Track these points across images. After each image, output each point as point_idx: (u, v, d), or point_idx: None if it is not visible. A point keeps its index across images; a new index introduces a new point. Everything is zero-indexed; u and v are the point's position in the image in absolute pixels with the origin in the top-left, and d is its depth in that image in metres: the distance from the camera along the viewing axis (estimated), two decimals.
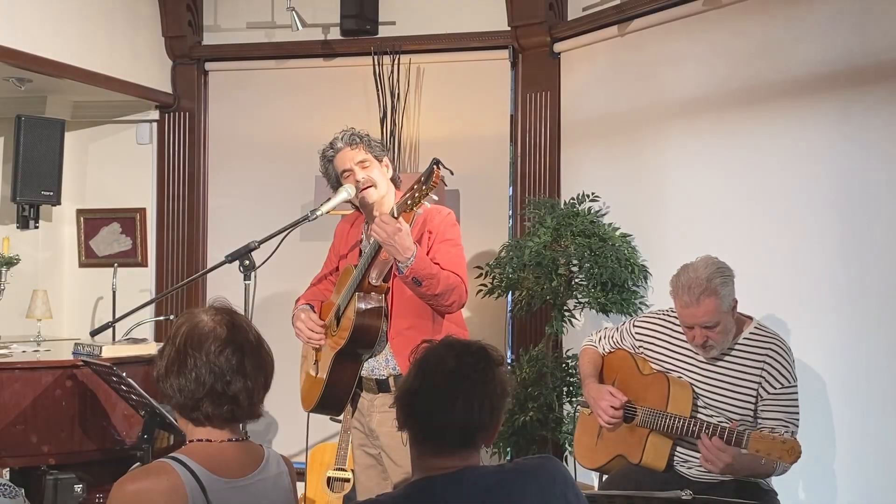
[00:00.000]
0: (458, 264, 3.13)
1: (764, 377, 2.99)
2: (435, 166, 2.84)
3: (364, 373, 3.18)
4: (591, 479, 4.13)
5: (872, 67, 3.45)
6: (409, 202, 2.89)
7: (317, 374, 3.25)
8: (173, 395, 1.95)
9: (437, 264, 3.06)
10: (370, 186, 3.16)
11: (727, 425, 2.88)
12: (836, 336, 3.54)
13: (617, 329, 3.39)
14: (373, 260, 3.10)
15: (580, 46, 4.89)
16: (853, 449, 3.48)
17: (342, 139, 3.22)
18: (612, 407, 3.15)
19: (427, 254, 3.09)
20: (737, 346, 3.06)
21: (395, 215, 2.93)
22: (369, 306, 3.09)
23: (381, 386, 3.15)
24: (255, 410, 2.00)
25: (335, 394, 3.20)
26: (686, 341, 3.13)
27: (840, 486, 3.51)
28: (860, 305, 3.47)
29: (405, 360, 3.03)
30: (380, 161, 3.23)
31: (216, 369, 1.92)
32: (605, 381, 3.34)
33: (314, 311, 3.32)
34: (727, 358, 3.07)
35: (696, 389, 3.09)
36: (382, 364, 3.15)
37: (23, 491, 3.48)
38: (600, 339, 3.43)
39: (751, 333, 3.07)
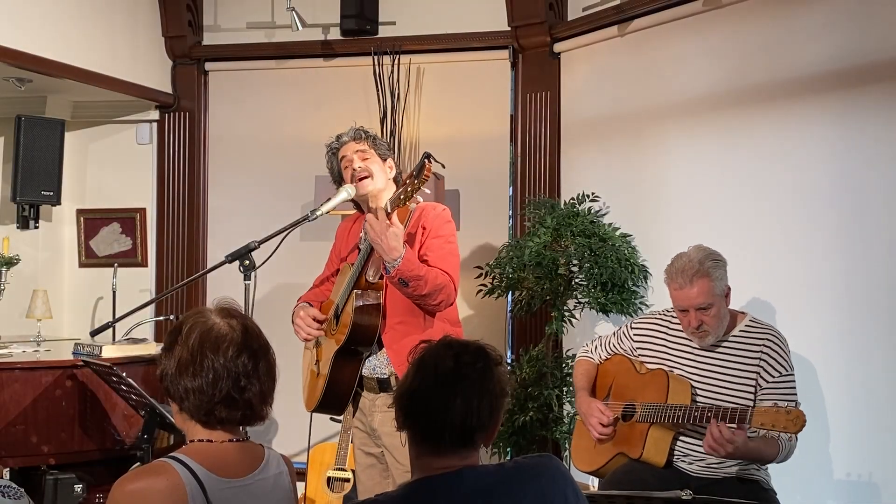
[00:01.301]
0: (449, 261, 3.13)
1: (762, 366, 3.05)
2: (426, 160, 2.85)
3: (365, 372, 3.19)
4: (590, 479, 4.12)
5: (872, 67, 3.45)
6: (401, 197, 2.91)
7: (318, 373, 3.25)
8: (185, 396, 1.93)
9: (426, 260, 3.07)
10: (366, 177, 3.17)
11: (730, 406, 2.90)
12: (834, 333, 3.55)
13: (614, 334, 3.42)
14: (369, 257, 3.10)
15: (580, 46, 4.89)
16: (848, 436, 3.49)
17: (348, 133, 3.27)
18: (601, 424, 3.19)
19: (420, 249, 3.10)
20: (732, 338, 3.12)
21: (389, 211, 2.94)
22: (367, 303, 3.10)
23: (383, 385, 3.15)
24: (264, 414, 2.01)
25: (337, 393, 3.20)
26: (684, 338, 3.17)
27: (836, 469, 3.53)
28: (857, 303, 3.48)
29: (396, 354, 3.05)
30: (383, 160, 3.25)
31: (234, 374, 1.92)
32: (601, 385, 3.37)
33: (311, 307, 3.33)
34: (724, 350, 3.11)
35: (695, 383, 3.12)
36: (384, 363, 3.15)
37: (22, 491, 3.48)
38: (595, 347, 3.45)
39: (746, 326, 3.13)
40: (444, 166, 2.99)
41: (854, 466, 3.47)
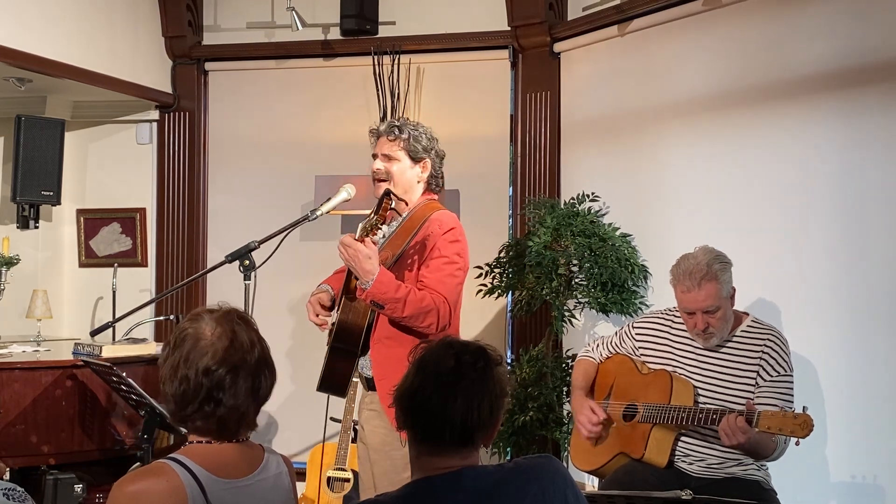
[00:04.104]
0: (445, 283, 3.05)
1: (762, 365, 3.06)
2: (385, 198, 2.88)
3: (359, 368, 3.19)
4: (589, 479, 4.12)
5: (872, 67, 3.45)
6: (367, 228, 2.93)
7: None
8: (167, 401, 1.95)
9: (422, 280, 3.04)
10: (382, 180, 3.15)
11: (735, 409, 2.90)
12: (834, 333, 3.56)
13: (616, 334, 3.42)
14: None
15: (580, 46, 4.89)
16: (849, 437, 3.50)
17: (385, 126, 3.20)
18: (590, 422, 3.21)
19: (420, 266, 3.08)
20: (735, 339, 3.12)
21: (357, 237, 2.94)
22: (353, 305, 3.09)
23: (370, 384, 3.17)
24: (241, 435, 1.98)
25: (333, 379, 3.19)
26: (687, 337, 3.17)
27: (837, 470, 3.54)
28: (857, 302, 3.48)
29: (379, 367, 3.06)
30: (416, 161, 3.18)
31: (208, 385, 1.89)
32: (602, 385, 3.37)
33: (331, 291, 3.31)
34: (727, 350, 3.12)
35: (697, 383, 3.12)
36: (371, 363, 3.15)
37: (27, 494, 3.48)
38: (597, 346, 3.46)
39: (748, 326, 3.14)
40: (406, 203, 3.07)
41: (856, 468, 3.47)
